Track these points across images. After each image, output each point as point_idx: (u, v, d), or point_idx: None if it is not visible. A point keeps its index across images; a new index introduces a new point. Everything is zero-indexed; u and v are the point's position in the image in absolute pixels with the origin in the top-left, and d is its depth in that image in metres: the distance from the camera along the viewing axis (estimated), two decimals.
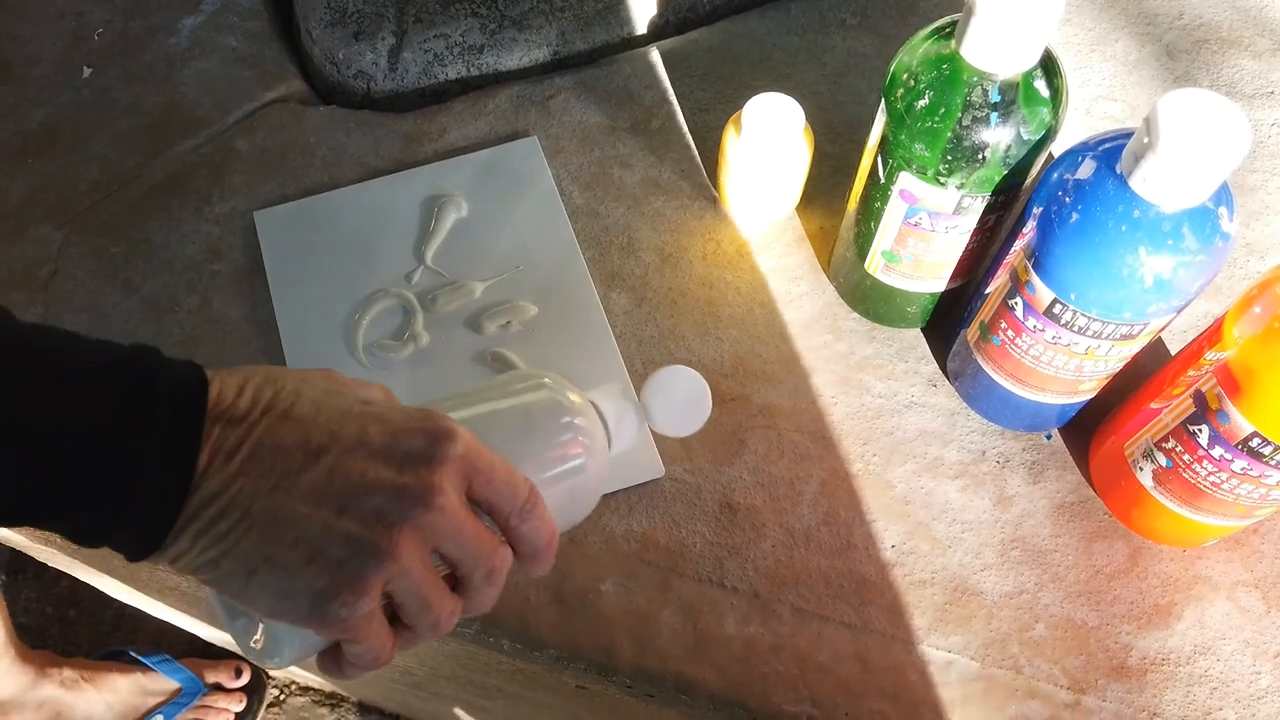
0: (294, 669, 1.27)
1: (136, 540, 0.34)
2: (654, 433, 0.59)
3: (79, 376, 0.34)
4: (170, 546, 0.35)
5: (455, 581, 0.39)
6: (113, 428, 0.33)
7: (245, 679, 1.29)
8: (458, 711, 0.97)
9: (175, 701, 1.22)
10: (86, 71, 0.75)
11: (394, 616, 0.38)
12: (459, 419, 0.41)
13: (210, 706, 1.26)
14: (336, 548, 0.35)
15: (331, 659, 0.40)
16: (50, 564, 0.94)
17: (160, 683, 1.22)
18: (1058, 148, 0.50)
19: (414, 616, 0.38)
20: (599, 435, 0.45)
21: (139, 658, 1.22)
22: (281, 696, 1.38)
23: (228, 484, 0.34)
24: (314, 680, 1.33)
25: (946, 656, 0.54)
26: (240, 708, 1.27)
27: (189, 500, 0.34)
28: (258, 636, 0.40)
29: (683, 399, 0.49)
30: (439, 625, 0.38)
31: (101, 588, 1.00)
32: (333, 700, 1.38)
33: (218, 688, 1.28)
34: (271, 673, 1.37)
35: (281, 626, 0.39)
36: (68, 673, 1.14)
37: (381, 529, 0.35)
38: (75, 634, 1.39)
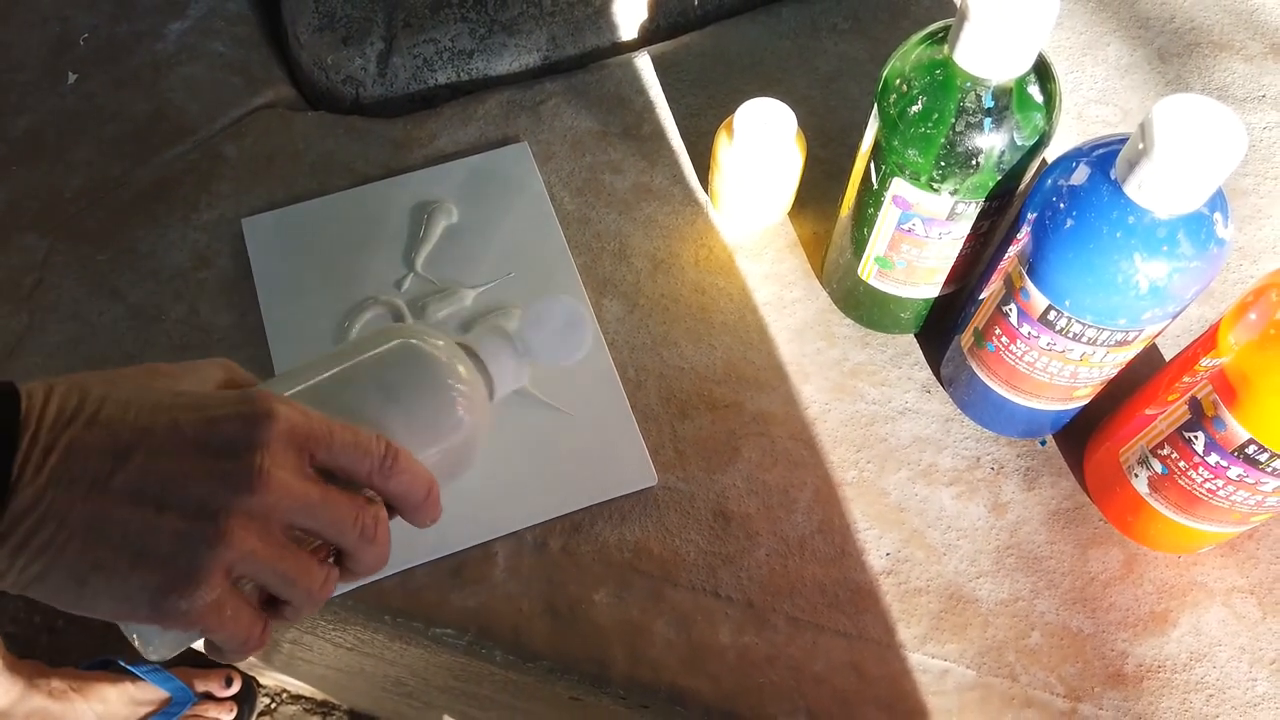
0: (286, 678, 1.26)
1: None
2: (638, 436, 0.59)
3: None
4: None
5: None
6: None
7: (236, 688, 1.29)
8: None
9: (165, 711, 1.21)
10: (72, 77, 0.75)
11: (273, 598, 0.38)
12: (310, 387, 0.40)
13: (201, 716, 1.25)
14: (162, 545, 0.34)
15: (213, 646, 0.39)
16: None
17: (150, 692, 1.21)
18: (1051, 153, 0.50)
19: (282, 593, 0.37)
20: (474, 381, 0.44)
21: (128, 667, 1.21)
22: (273, 705, 1.37)
23: (39, 496, 0.34)
24: (305, 689, 1.32)
25: (942, 665, 0.54)
26: (231, 717, 1.26)
27: (0, 518, 0.33)
28: (131, 632, 0.40)
29: (560, 328, 0.49)
30: (313, 596, 0.38)
31: None
32: (324, 709, 1.37)
33: (208, 697, 1.27)
34: (263, 682, 1.36)
35: (147, 625, 0.38)
36: (56, 683, 1.13)
37: (206, 519, 0.35)
38: (64, 644, 1.38)
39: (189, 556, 0.35)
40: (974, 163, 0.48)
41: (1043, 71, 0.48)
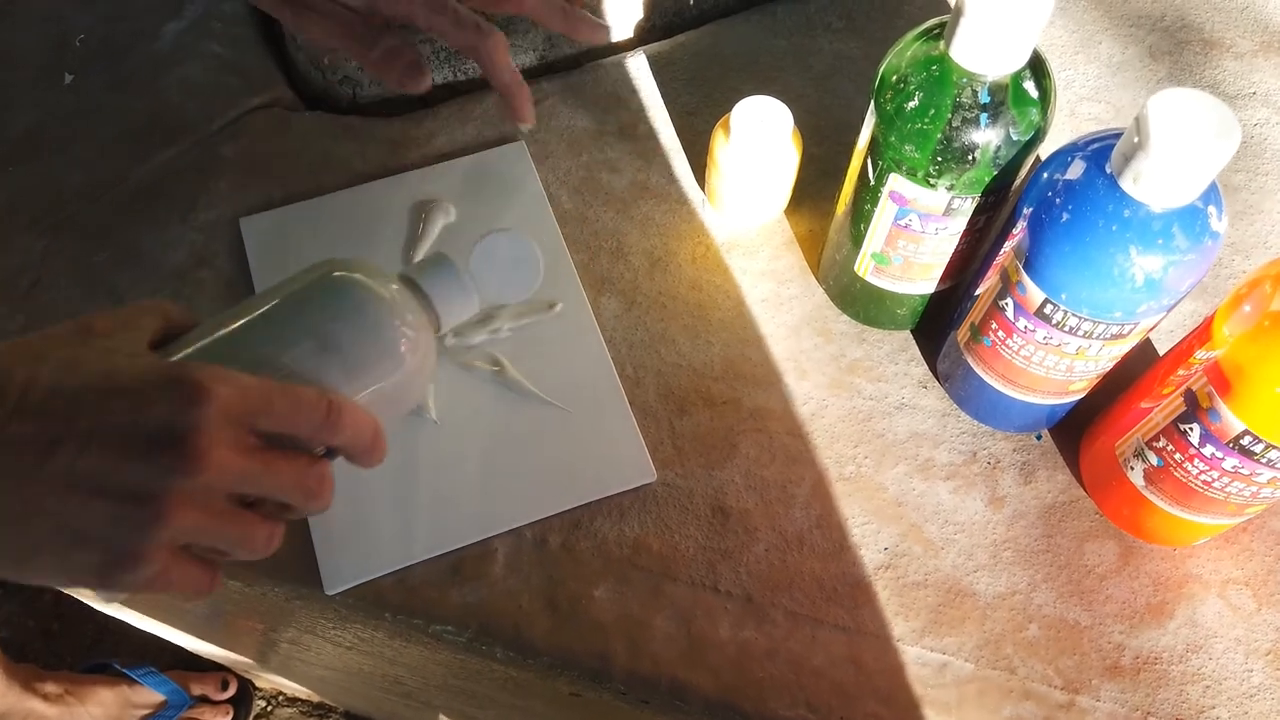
0: (282, 680, 1.26)
1: None
2: (636, 433, 0.59)
3: None
4: None
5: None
6: None
7: (232, 691, 1.29)
8: None
9: (161, 714, 1.21)
10: (69, 78, 0.75)
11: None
12: (242, 330, 0.39)
13: (196, 719, 1.25)
14: (100, 528, 0.34)
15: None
16: None
17: (145, 695, 1.21)
18: (1045, 149, 0.51)
19: (230, 552, 0.38)
20: (416, 314, 0.42)
21: (124, 670, 1.21)
22: (269, 708, 1.37)
23: None
24: (302, 691, 1.32)
25: (941, 658, 0.54)
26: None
27: None
28: None
29: (510, 263, 0.48)
30: (259, 551, 0.38)
31: (84, 600, 0.99)
32: (320, 711, 1.37)
33: (204, 700, 1.27)
34: (259, 684, 1.36)
35: None
36: (52, 687, 1.13)
37: (142, 504, 0.34)
38: (59, 648, 1.37)
39: (127, 538, 0.35)
40: (970, 158, 0.48)
41: (1038, 67, 0.48)
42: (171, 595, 0.38)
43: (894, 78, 0.49)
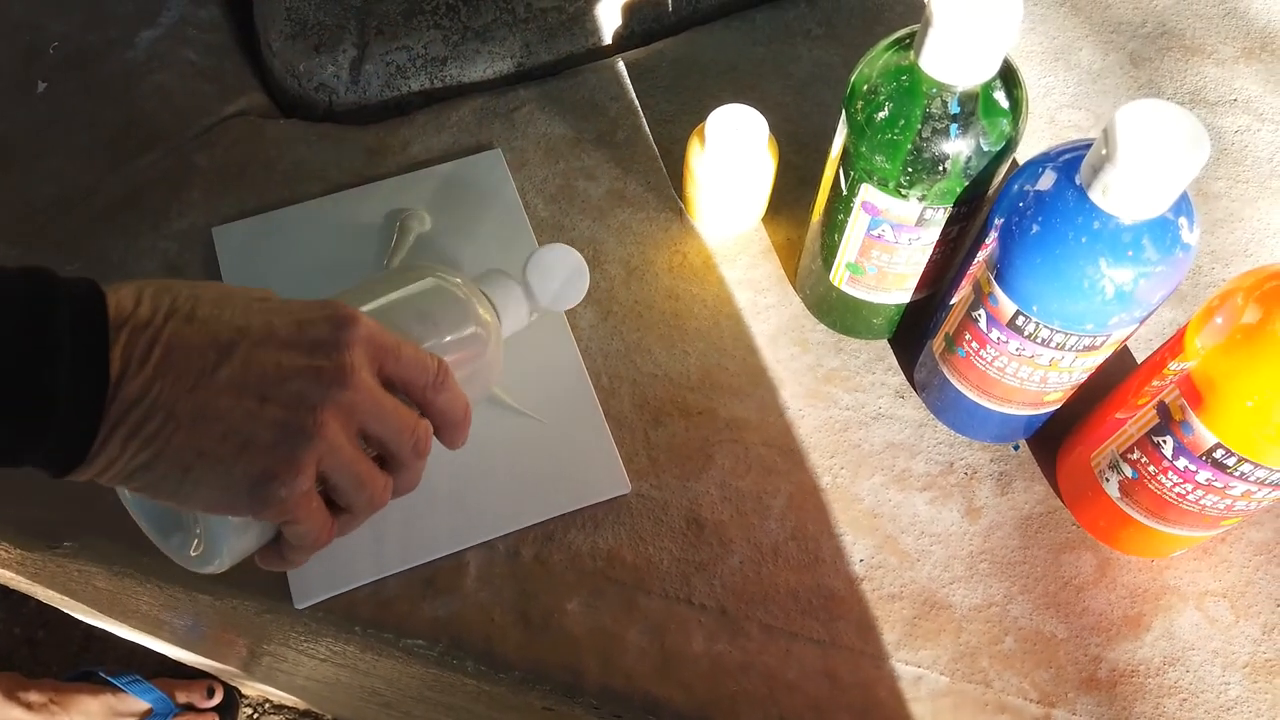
0: (268, 688, 1.26)
1: (61, 450, 0.35)
2: (611, 444, 0.59)
3: None
4: (100, 455, 0.35)
5: (381, 463, 0.42)
6: (15, 340, 0.33)
7: (218, 699, 1.28)
8: None
9: None
10: (42, 86, 0.74)
11: (329, 504, 0.40)
12: (365, 309, 0.44)
13: None
14: (265, 433, 0.37)
15: (273, 551, 0.42)
16: (13, 586, 0.92)
17: (131, 704, 1.20)
18: (1021, 158, 0.50)
19: (350, 494, 0.40)
20: (492, 318, 0.50)
21: (109, 679, 1.20)
22: (255, 716, 1.36)
23: (147, 387, 0.35)
24: (288, 699, 1.32)
25: (916, 671, 0.54)
26: None
27: (109, 407, 0.34)
28: (196, 545, 0.41)
29: (562, 275, 0.55)
30: (374, 501, 0.41)
31: (65, 609, 0.99)
32: (307, 718, 1.36)
33: (189, 708, 1.26)
34: (245, 692, 1.35)
35: (218, 526, 0.40)
36: (36, 695, 1.12)
37: (305, 411, 0.37)
38: (44, 655, 1.37)
39: (290, 445, 0.37)
40: (941, 168, 0.48)
41: (1009, 77, 0.48)
42: (295, 539, 0.40)
43: (865, 87, 0.49)
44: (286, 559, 0.42)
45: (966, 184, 0.48)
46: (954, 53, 0.45)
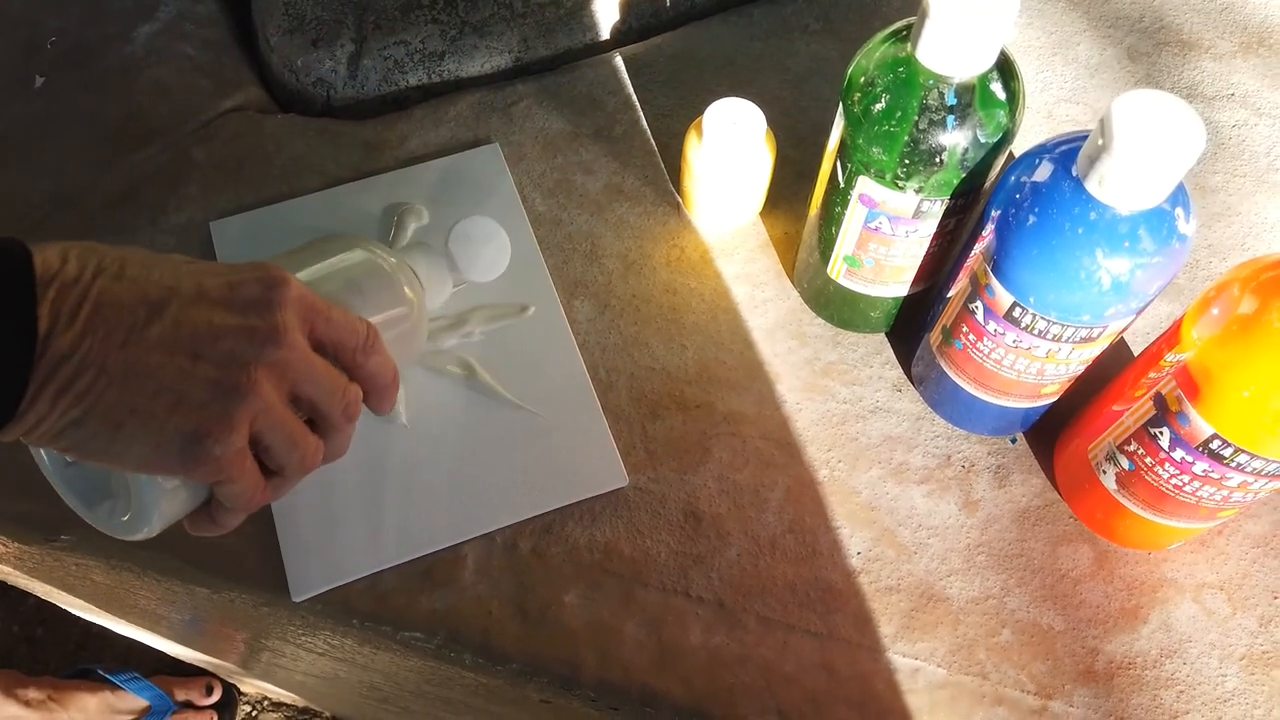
0: (267, 685, 1.26)
1: None
2: (608, 437, 0.59)
3: None
4: (29, 412, 0.35)
5: (311, 426, 0.42)
6: None
7: (216, 696, 1.28)
8: None
9: None
10: (39, 81, 0.74)
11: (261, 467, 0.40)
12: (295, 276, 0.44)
13: None
14: (198, 391, 0.36)
15: (204, 515, 0.42)
16: (11, 582, 0.93)
17: (129, 701, 1.20)
18: (1019, 150, 0.50)
19: (283, 455, 0.40)
20: (417, 289, 0.51)
21: (107, 676, 1.20)
22: (254, 713, 1.36)
23: (77, 343, 0.35)
24: (287, 696, 1.32)
25: (913, 664, 0.54)
26: None
27: (38, 362, 0.34)
28: (125, 511, 0.41)
29: (485, 246, 0.57)
30: (306, 462, 0.41)
31: (63, 605, 0.99)
32: (306, 715, 1.36)
33: (188, 705, 1.26)
34: (244, 689, 1.35)
35: (148, 489, 0.39)
36: (34, 693, 1.12)
37: (238, 369, 0.37)
38: (42, 653, 1.37)
39: (223, 403, 0.37)
40: (938, 160, 0.48)
41: (1005, 69, 0.48)
42: (229, 500, 0.40)
43: (861, 79, 0.49)
44: (218, 522, 0.41)
45: (963, 176, 0.48)
46: (951, 44, 0.45)
